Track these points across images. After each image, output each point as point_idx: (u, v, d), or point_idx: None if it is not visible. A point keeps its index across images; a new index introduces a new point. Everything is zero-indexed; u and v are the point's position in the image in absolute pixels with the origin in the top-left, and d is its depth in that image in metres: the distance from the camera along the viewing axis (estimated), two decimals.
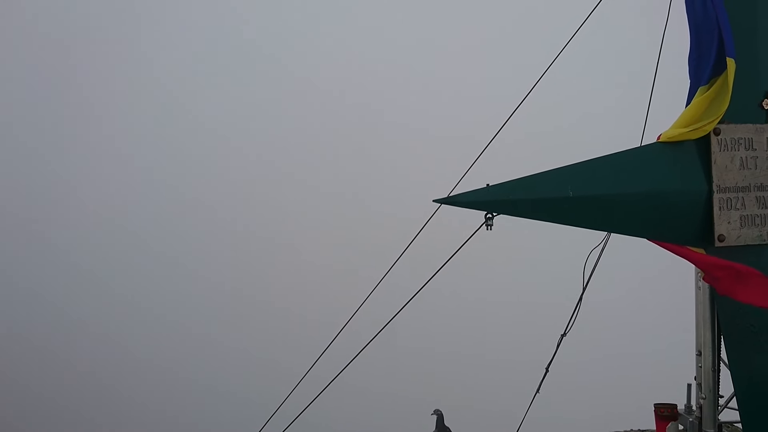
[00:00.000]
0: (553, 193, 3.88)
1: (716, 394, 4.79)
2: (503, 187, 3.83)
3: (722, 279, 4.19)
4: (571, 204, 3.90)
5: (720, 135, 4.21)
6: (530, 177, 3.89)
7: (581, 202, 3.92)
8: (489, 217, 3.83)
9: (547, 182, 3.90)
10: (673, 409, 5.10)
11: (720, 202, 4.16)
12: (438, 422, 6.78)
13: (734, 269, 4.04)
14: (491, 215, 3.82)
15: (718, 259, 4.10)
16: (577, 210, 3.95)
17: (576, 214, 3.97)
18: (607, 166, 4.07)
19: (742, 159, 4.24)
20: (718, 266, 4.13)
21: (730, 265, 4.04)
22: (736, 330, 4.36)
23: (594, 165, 4.04)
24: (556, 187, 3.88)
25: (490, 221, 3.84)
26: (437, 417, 6.79)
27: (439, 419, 6.78)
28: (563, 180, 3.91)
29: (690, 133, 4.16)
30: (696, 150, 4.20)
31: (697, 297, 4.85)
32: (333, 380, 5.31)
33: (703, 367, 4.81)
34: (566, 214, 3.96)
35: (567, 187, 3.88)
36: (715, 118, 4.17)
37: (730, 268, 4.05)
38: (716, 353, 4.75)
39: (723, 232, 4.15)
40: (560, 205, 3.89)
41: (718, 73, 4.17)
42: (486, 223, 3.85)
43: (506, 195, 3.81)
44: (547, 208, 3.91)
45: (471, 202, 3.80)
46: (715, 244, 4.15)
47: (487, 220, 3.84)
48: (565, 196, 3.86)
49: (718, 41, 4.16)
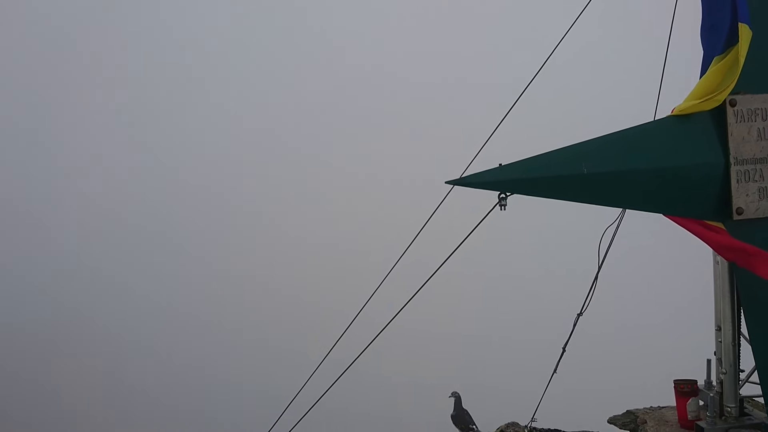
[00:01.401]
0: (566, 170, 3.83)
1: (737, 368, 4.73)
2: (516, 167, 3.79)
3: (736, 259, 4.14)
4: (585, 181, 3.84)
5: (736, 106, 4.13)
6: (543, 155, 3.84)
7: (595, 179, 3.86)
8: (502, 197, 3.78)
9: (560, 160, 3.84)
10: (693, 384, 5.06)
11: (738, 175, 4.09)
12: (456, 404, 6.78)
13: (745, 251, 3.97)
14: (504, 195, 3.77)
15: (730, 241, 4.03)
16: (592, 187, 3.89)
17: (590, 191, 3.92)
18: (621, 141, 4.01)
19: (759, 130, 4.16)
20: (729, 248, 4.07)
21: (741, 247, 3.97)
22: (756, 303, 4.31)
23: (607, 141, 3.98)
24: (569, 165, 3.83)
25: (503, 201, 3.79)
26: (455, 399, 6.78)
27: (457, 401, 6.78)
28: (577, 157, 3.85)
29: (703, 104, 4.08)
30: (712, 122, 4.12)
31: (716, 271, 4.79)
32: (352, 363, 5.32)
33: (723, 342, 4.76)
34: (580, 191, 3.90)
35: (581, 165, 3.82)
36: (728, 86, 4.07)
37: (741, 250, 3.98)
38: (736, 327, 4.70)
39: (741, 204, 4.09)
40: (574, 182, 3.84)
41: (735, 41, 4.08)
42: (499, 203, 3.80)
43: (519, 174, 3.76)
44: (561, 186, 3.85)
45: (484, 183, 3.75)
46: (734, 217, 4.09)
47: (500, 200, 3.79)
48: (579, 174, 3.81)
49: (732, 7, 4.05)
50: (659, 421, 5.31)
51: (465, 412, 6.75)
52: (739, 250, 4.00)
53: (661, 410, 5.59)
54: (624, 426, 5.73)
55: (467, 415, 6.73)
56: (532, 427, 6.87)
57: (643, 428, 5.32)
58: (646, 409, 5.74)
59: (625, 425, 5.70)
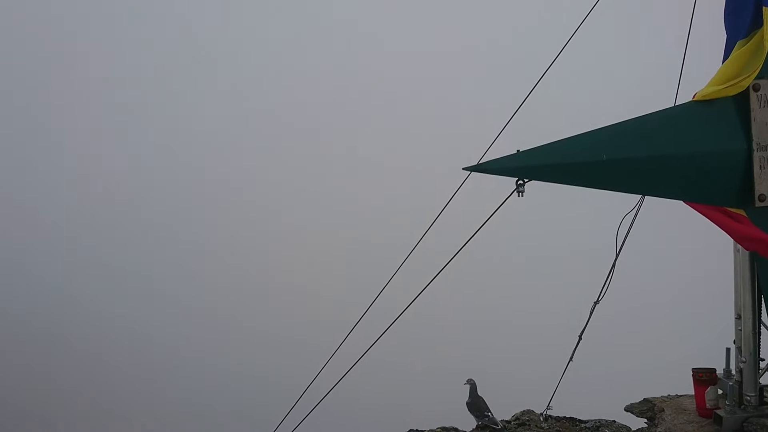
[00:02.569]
0: (585, 157, 3.79)
1: (757, 357, 4.69)
2: (534, 153, 3.76)
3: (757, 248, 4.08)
4: (604, 168, 3.80)
5: (759, 91, 4.05)
6: (562, 141, 3.81)
7: (615, 165, 3.82)
8: (520, 184, 3.76)
9: (579, 146, 3.81)
10: (712, 373, 5.03)
11: (761, 161, 4.02)
12: (471, 391, 6.79)
13: (765, 242, 3.92)
14: (522, 181, 3.75)
15: (751, 230, 3.98)
16: (611, 174, 3.85)
17: (609, 178, 3.88)
18: (641, 127, 3.96)
19: None
20: (750, 238, 4.02)
21: (762, 238, 3.91)
22: None
23: (627, 127, 3.94)
24: (588, 151, 3.79)
25: (521, 188, 3.77)
26: (470, 386, 6.79)
27: (472, 388, 6.79)
28: (596, 144, 3.81)
29: (726, 90, 4.02)
30: (734, 107, 4.05)
31: (736, 259, 4.73)
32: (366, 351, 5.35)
33: (743, 331, 4.71)
34: (599, 178, 3.87)
35: (600, 151, 3.78)
36: (753, 71, 4.00)
37: (761, 240, 3.93)
38: (757, 316, 4.65)
39: (764, 191, 4.02)
40: (593, 169, 3.80)
41: (759, 24, 3.99)
42: (517, 190, 3.78)
43: (537, 160, 3.74)
44: (580, 172, 3.82)
45: (501, 169, 3.73)
46: (756, 204, 4.03)
47: (518, 186, 3.77)
48: (598, 160, 3.77)
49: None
50: (677, 409, 5.28)
51: (480, 400, 6.75)
52: (760, 240, 3.95)
53: (679, 399, 5.56)
54: (641, 414, 5.71)
55: (482, 402, 6.74)
56: (548, 414, 6.87)
57: (661, 416, 5.29)
58: (664, 397, 5.71)
59: (642, 413, 5.68)
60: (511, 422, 6.91)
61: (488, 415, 6.65)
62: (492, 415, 6.67)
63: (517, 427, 6.77)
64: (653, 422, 5.48)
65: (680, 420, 5.04)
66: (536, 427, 6.67)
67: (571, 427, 6.66)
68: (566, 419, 6.88)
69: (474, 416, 6.72)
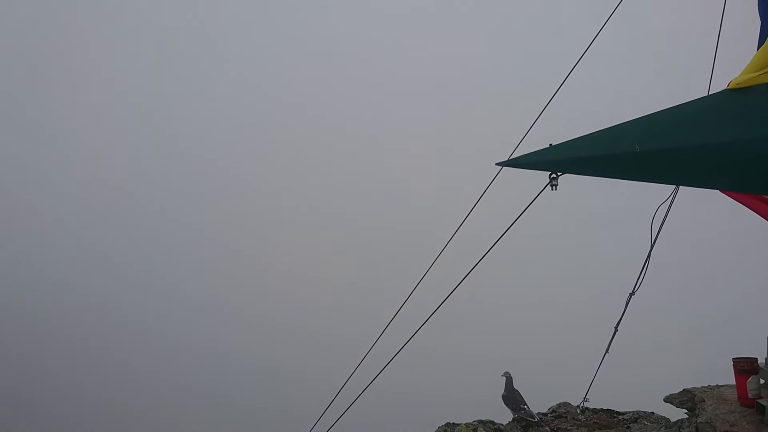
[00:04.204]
0: (618, 148, 3.78)
1: None
2: (567, 146, 3.77)
3: None
4: (638, 159, 3.79)
5: None
6: (595, 134, 3.82)
7: (649, 156, 3.81)
8: (553, 177, 3.78)
9: (612, 138, 3.81)
10: (753, 362, 4.98)
11: None
12: (507, 384, 6.83)
13: None
14: (556, 175, 3.78)
15: None
16: (645, 165, 3.84)
17: (644, 169, 3.87)
18: (674, 118, 3.94)
19: None
20: None
21: None
22: None
23: (660, 117, 3.92)
24: (621, 143, 3.79)
25: (554, 181, 3.79)
26: (506, 379, 6.83)
27: (508, 381, 6.83)
28: (629, 135, 3.81)
29: (762, 77, 3.98)
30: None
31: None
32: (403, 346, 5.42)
33: None
34: (634, 169, 3.86)
35: (633, 142, 3.78)
36: None
37: None
38: None
39: None
40: (627, 160, 3.79)
41: None
42: (550, 183, 3.81)
43: (570, 153, 3.75)
44: (614, 164, 3.82)
45: (535, 163, 3.75)
46: None
47: (551, 179, 3.79)
48: (631, 151, 3.77)
49: None
50: (718, 399, 5.24)
51: (516, 392, 6.79)
52: None
53: (719, 389, 5.52)
54: (681, 405, 5.68)
55: (518, 395, 6.78)
56: (585, 407, 6.87)
57: (702, 407, 5.26)
58: (704, 387, 5.67)
59: (683, 404, 5.65)
60: (548, 415, 6.93)
61: (524, 408, 6.68)
62: (528, 408, 6.70)
63: (554, 419, 6.78)
64: (693, 413, 5.44)
65: (722, 410, 5.00)
66: (573, 420, 6.67)
67: (609, 419, 6.65)
68: (603, 411, 6.88)
69: (510, 409, 6.76)
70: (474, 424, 6.65)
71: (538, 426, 6.56)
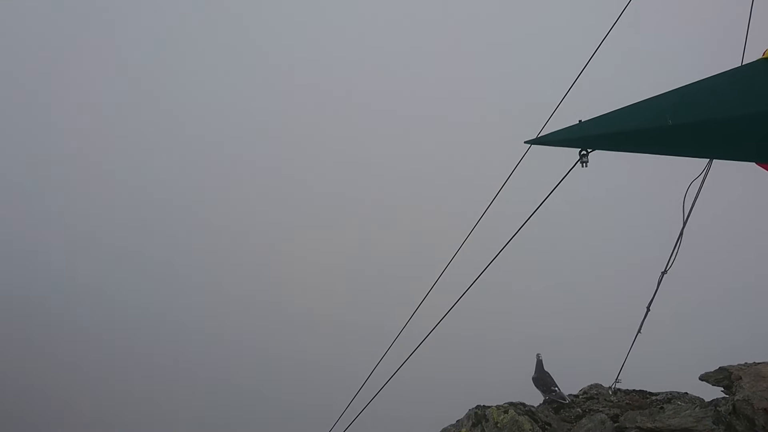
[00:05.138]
0: (650, 123, 3.71)
1: None
2: (597, 122, 3.71)
3: None
4: (670, 133, 3.71)
5: None
6: (625, 108, 3.75)
7: (682, 130, 3.72)
8: (584, 154, 3.72)
9: (643, 112, 3.74)
10: None
11: None
12: (538, 366, 6.81)
13: None
14: (586, 152, 3.72)
15: None
16: (678, 139, 3.76)
17: (676, 143, 3.79)
18: (708, 89, 3.85)
19: None
20: None
21: None
22: None
23: (693, 89, 3.84)
24: (653, 117, 3.71)
25: (585, 158, 3.73)
26: (537, 361, 6.82)
27: (539, 363, 6.81)
28: (661, 108, 3.73)
29: None
30: None
31: None
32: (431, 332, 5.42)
33: None
34: (666, 144, 3.78)
35: (665, 116, 3.70)
36: None
37: None
38: None
39: None
40: (659, 134, 3.72)
41: None
42: (581, 160, 3.75)
43: (601, 129, 3.69)
44: (645, 139, 3.74)
45: (564, 140, 3.70)
46: None
47: (581, 156, 3.73)
48: (663, 125, 3.69)
49: None
50: (755, 376, 5.15)
51: (547, 375, 6.76)
52: None
53: (757, 366, 5.41)
54: (717, 383, 5.60)
55: (549, 377, 6.75)
56: (617, 388, 6.81)
57: (738, 384, 5.18)
58: (741, 365, 5.57)
59: (718, 382, 5.56)
60: (579, 396, 6.88)
61: (555, 390, 6.65)
62: (559, 390, 6.67)
63: (586, 401, 6.73)
64: (731, 390, 5.36)
65: (760, 387, 4.93)
66: (605, 401, 6.62)
67: (641, 399, 6.58)
68: (636, 392, 6.81)
69: (540, 391, 6.74)
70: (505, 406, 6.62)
71: (569, 408, 6.52)
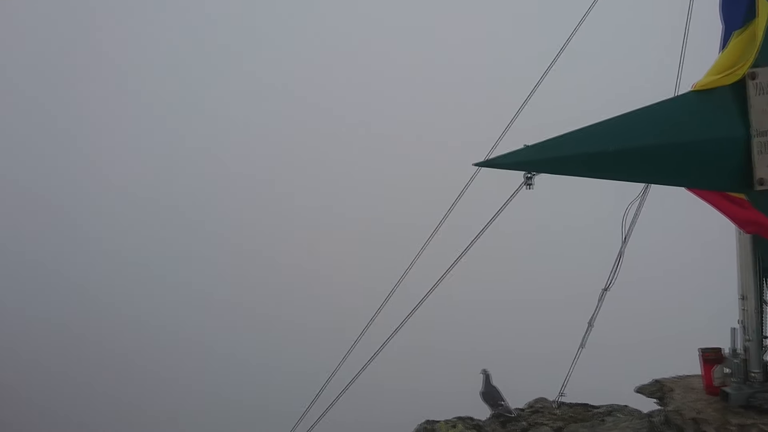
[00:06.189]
0: (591, 148, 3.94)
1: (761, 335, 4.85)
2: (541, 146, 3.91)
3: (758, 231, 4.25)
4: (610, 159, 3.96)
5: (756, 79, 4.18)
6: (568, 134, 3.96)
7: (620, 155, 3.97)
8: (528, 177, 3.92)
9: (585, 139, 3.96)
10: (719, 352, 5.17)
11: (759, 146, 4.14)
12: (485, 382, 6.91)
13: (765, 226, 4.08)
14: (531, 174, 3.91)
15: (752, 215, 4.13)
16: (617, 164, 4.00)
17: (615, 168, 4.03)
18: (644, 118, 4.10)
19: None
20: (750, 222, 4.19)
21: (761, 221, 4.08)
22: None
23: (631, 118, 4.08)
24: (594, 143, 3.95)
25: (529, 180, 3.93)
26: (484, 376, 6.92)
27: (486, 379, 6.92)
28: (601, 135, 3.97)
29: (723, 79, 4.15)
30: (732, 96, 4.18)
31: (739, 241, 4.89)
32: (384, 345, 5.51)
33: (747, 311, 4.87)
34: (606, 168, 4.02)
35: (606, 142, 3.94)
36: (748, 60, 4.13)
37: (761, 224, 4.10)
38: (760, 296, 4.81)
39: (763, 175, 4.14)
40: (599, 160, 3.95)
41: (754, 14, 4.14)
42: (526, 183, 3.94)
43: (545, 154, 3.89)
44: (587, 163, 3.97)
45: (511, 163, 3.89)
46: (756, 188, 4.16)
47: (526, 179, 3.93)
48: (604, 151, 3.93)
49: None
50: (686, 388, 5.43)
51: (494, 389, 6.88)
52: (760, 223, 4.12)
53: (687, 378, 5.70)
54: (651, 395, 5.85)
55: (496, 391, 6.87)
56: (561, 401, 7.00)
57: (671, 396, 5.44)
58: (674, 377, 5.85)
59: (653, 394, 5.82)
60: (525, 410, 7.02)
61: (502, 404, 6.79)
62: (506, 403, 6.81)
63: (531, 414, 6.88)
64: (663, 402, 5.62)
65: (689, 398, 5.19)
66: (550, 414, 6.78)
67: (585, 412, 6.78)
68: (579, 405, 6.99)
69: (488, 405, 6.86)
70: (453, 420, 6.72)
71: (516, 421, 6.67)
